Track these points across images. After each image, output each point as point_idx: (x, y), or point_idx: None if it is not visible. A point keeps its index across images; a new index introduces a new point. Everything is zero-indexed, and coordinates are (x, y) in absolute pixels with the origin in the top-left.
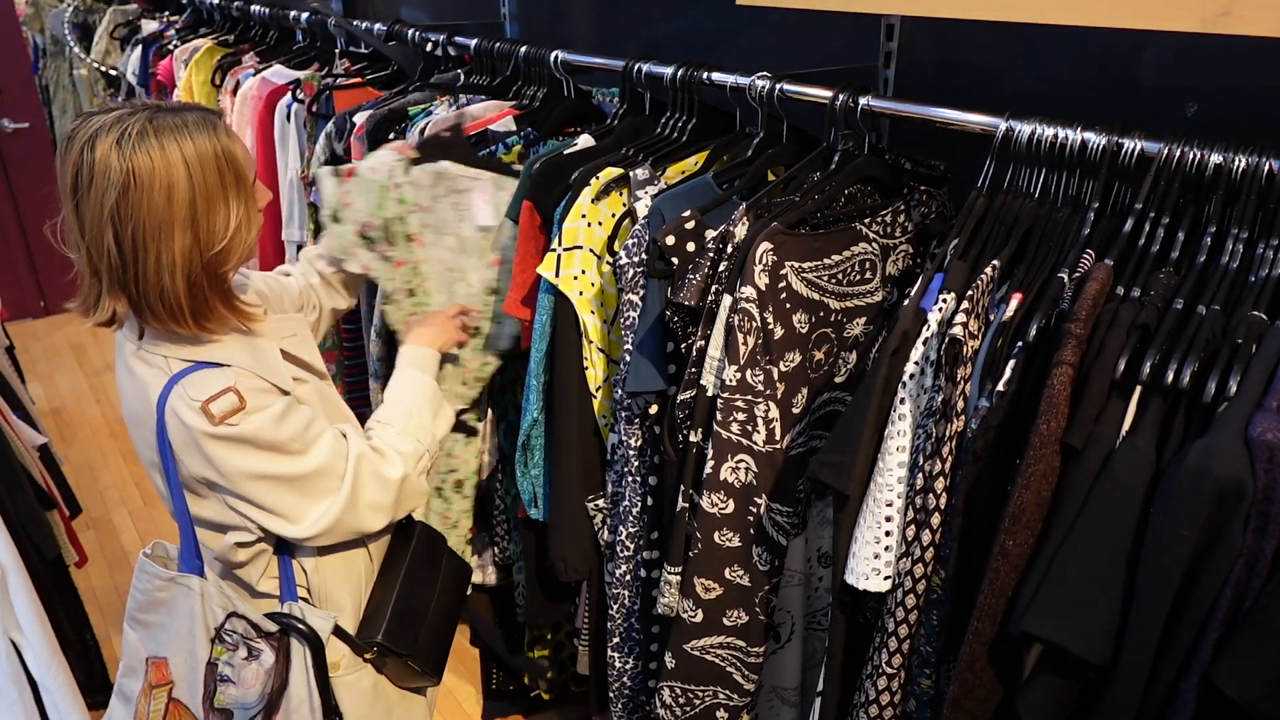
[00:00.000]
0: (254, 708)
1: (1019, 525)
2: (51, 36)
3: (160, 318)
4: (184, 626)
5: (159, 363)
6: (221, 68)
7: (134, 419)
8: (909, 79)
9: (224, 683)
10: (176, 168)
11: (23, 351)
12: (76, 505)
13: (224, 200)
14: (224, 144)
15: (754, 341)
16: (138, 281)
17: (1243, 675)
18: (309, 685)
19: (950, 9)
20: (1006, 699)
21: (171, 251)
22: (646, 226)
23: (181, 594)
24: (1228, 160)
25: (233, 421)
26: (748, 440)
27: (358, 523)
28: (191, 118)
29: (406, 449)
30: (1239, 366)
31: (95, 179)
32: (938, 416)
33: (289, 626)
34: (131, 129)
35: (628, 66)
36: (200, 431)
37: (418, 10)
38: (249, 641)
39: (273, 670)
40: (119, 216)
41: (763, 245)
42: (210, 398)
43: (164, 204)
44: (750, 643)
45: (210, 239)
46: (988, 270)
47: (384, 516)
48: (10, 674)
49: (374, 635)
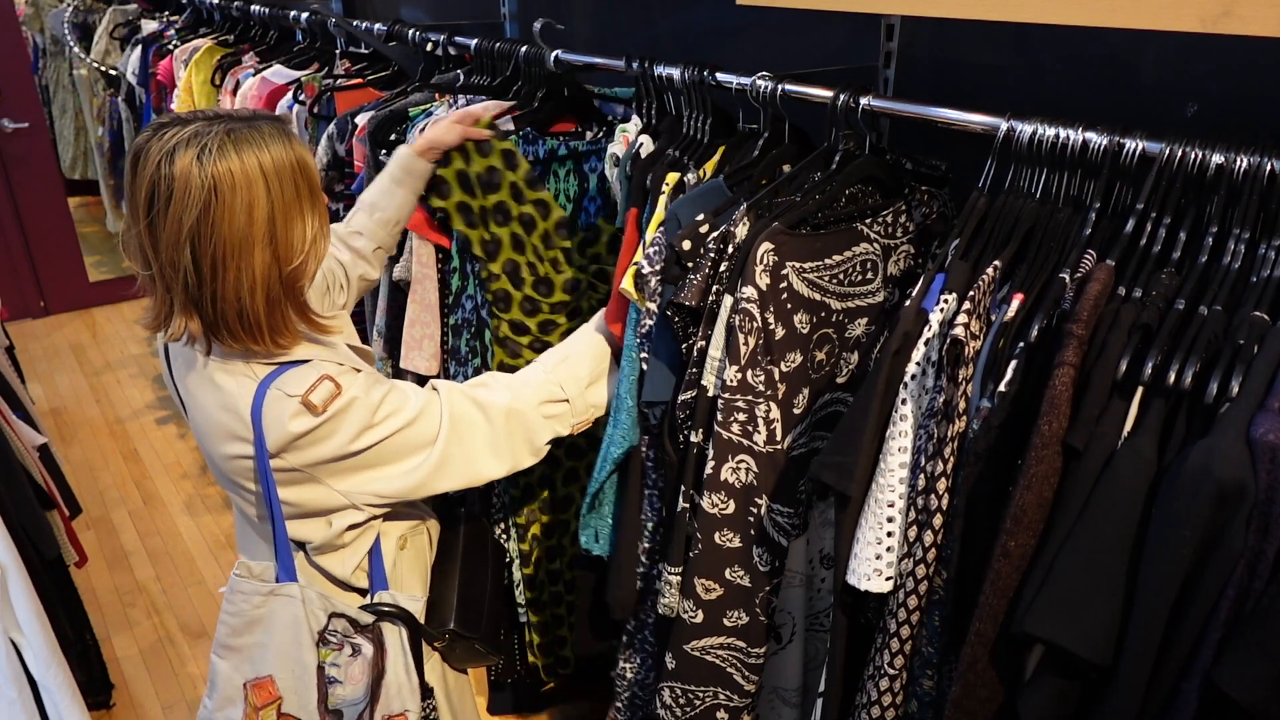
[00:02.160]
0: (361, 703)
1: (1021, 526)
2: (51, 36)
3: (237, 337)
4: (288, 637)
5: (242, 370)
6: (221, 68)
7: (217, 430)
8: (909, 79)
9: (333, 684)
10: (257, 182)
11: (23, 351)
12: (76, 505)
13: (300, 212)
14: (299, 153)
15: (755, 342)
16: (214, 301)
17: (1244, 676)
18: (406, 667)
19: (950, 9)
20: (1008, 700)
21: (252, 269)
22: (665, 232)
23: (282, 605)
24: (1229, 160)
25: (337, 404)
26: (748, 441)
27: (461, 463)
28: (267, 129)
29: (533, 381)
30: (1241, 367)
31: (175, 195)
32: (939, 417)
33: (382, 614)
34: (211, 143)
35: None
36: (302, 432)
37: (418, 10)
38: (349, 639)
39: (373, 661)
40: (199, 235)
41: (764, 245)
42: (309, 389)
43: (245, 220)
44: (750, 643)
45: (289, 253)
46: (989, 271)
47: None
48: (10, 674)
49: (446, 623)
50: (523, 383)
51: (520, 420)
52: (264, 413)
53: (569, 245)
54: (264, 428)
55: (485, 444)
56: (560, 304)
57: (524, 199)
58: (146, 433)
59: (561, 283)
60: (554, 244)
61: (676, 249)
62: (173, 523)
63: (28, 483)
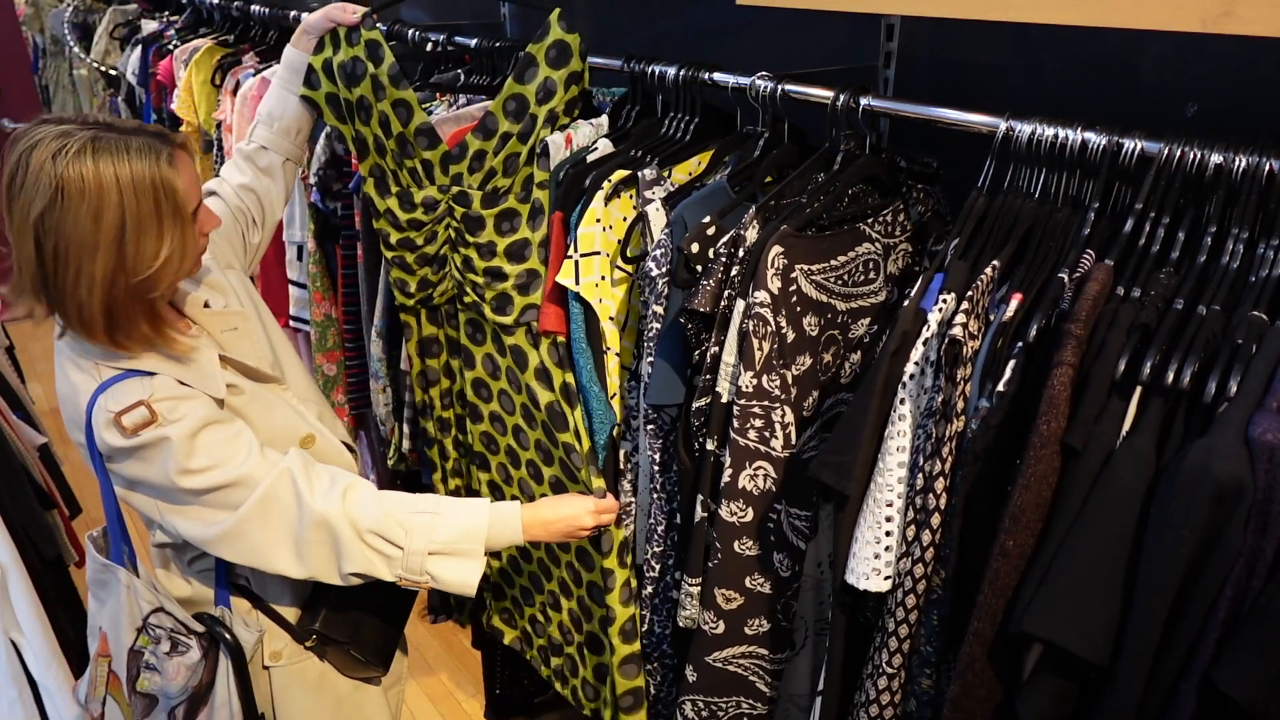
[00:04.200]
0: (176, 699)
1: (1019, 525)
2: (51, 36)
3: (75, 330)
4: (116, 610)
5: (89, 369)
6: (221, 68)
7: (68, 415)
8: (909, 79)
9: (148, 670)
10: (109, 190)
11: (23, 351)
12: (76, 505)
13: (156, 229)
14: (163, 173)
15: (769, 346)
16: (56, 291)
17: (1243, 675)
18: (229, 690)
19: (950, 9)
20: (1007, 699)
21: (92, 270)
22: (671, 235)
23: (112, 580)
24: (1228, 160)
25: (146, 434)
26: (765, 446)
27: (255, 543)
28: (136, 142)
29: (384, 508)
30: (1239, 367)
31: (26, 186)
32: (938, 417)
33: (214, 632)
34: (71, 146)
35: (636, 68)
36: (114, 446)
37: (418, 10)
38: (175, 635)
39: (197, 666)
40: (43, 228)
41: (774, 249)
42: (124, 410)
43: (90, 224)
44: (772, 650)
45: (137, 265)
46: (988, 270)
47: (287, 548)
48: (10, 674)
49: (312, 624)
50: (374, 502)
51: (330, 534)
52: (93, 415)
53: (429, 157)
54: (92, 428)
55: (287, 537)
56: (415, 222)
57: (384, 95)
58: None
59: (421, 198)
60: (413, 152)
61: (685, 252)
62: None
63: (28, 482)
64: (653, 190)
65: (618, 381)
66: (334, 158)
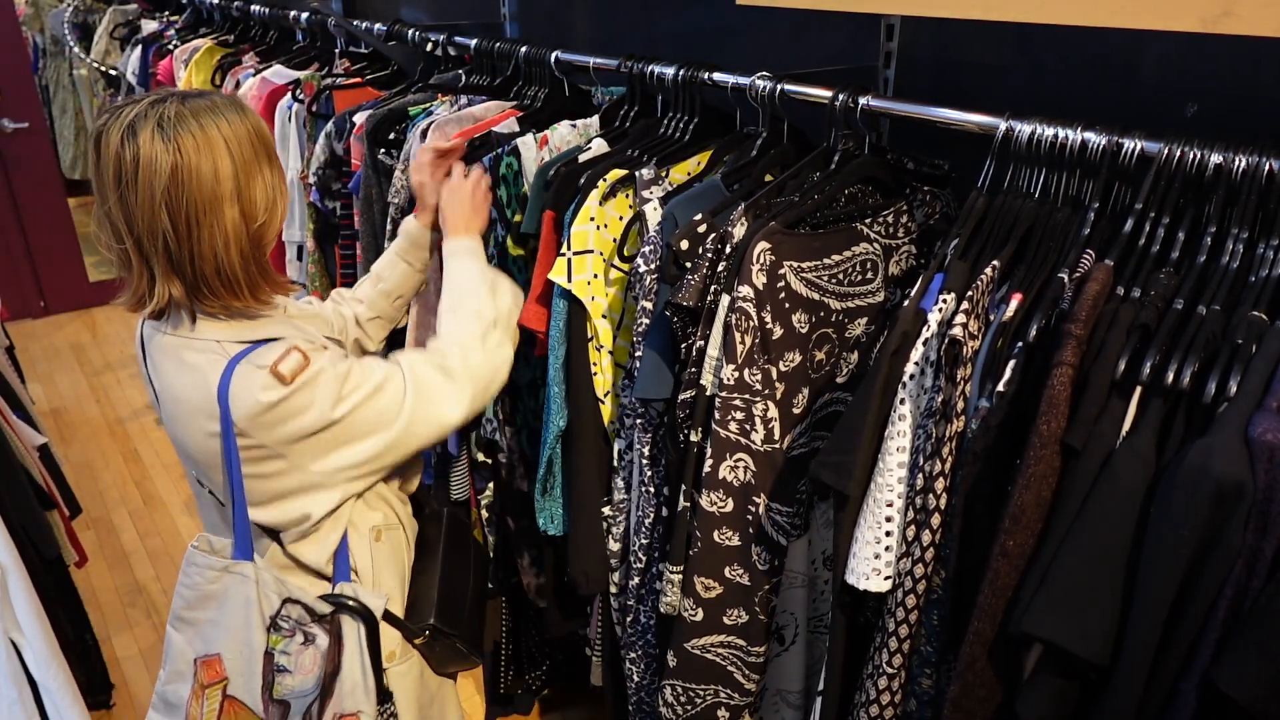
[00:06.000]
0: (310, 694)
1: (1019, 525)
2: (51, 36)
3: (218, 293)
4: (238, 617)
5: (214, 349)
6: (221, 68)
7: (186, 409)
8: (909, 79)
9: (281, 673)
10: (217, 144)
11: (23, 351)
12: (76, 505)
13: (260, 173)
14: (252, 120)
15: (751, 341)
16: (193, 260)
17: (1243, 675)
18: (363, 666)
19: (950, 9)
20: (1007, 699)
21: (224, 226)
22: (661, 232)
23: (235, 583)
24: (1228, 160)
25: (305, 375)
26: (745, 439)
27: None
28: (219, 99)
29: (465, 332)
30: (1239, 367)
31: (142, 165)
32: (938, 417)
33: (342, 607)
34: (169, 113)
35: (635, 68)
36: (268, 403)
37: (418, 10)
38: (304, 627)
39: (327, 654)
40: (171, 198)
41: (760, 245)
42: (278, 360)
43: (212, 181)
44: (750, 642)
45: (254, 211)
46: (988, 270)
47: (458, 399)
48: (10, 674)
49: (426, 618)
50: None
51: (477, 363)
52: (232, 386)
53: None
54: (231, 401)
55: (450, 396)
56: None
57: None
58: (146, 433)
59: None
60: None
61: (674, 248)
62: (173, 523)
63: (28, 483)
64: (650, 190)
65: (611, 379)
66: (333, 158)
